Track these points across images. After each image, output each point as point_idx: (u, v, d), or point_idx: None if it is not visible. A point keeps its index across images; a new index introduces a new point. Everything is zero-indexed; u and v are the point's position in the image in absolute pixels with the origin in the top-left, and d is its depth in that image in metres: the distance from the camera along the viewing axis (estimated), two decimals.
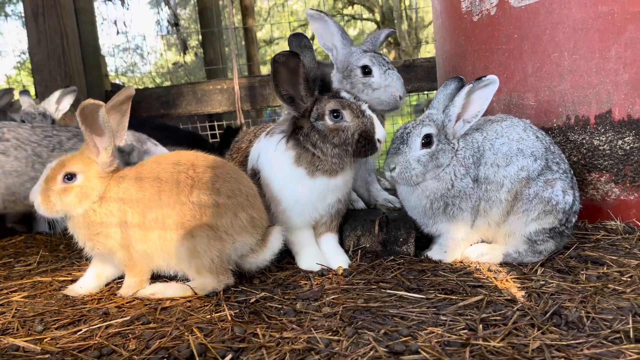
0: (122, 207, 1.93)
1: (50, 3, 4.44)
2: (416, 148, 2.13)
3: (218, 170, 2.05)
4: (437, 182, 2.16)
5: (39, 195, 1.92)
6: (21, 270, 2.44)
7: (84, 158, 1.97)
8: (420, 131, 2.13)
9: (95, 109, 1.86)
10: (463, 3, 3.04)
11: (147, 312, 1.81)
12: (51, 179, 1.93)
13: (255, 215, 2.06)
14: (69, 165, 1.94)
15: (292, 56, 2.02)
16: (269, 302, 1.87)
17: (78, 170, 1.94)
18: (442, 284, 1.97)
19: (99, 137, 1.95)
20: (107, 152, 1.97)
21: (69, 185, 1.93)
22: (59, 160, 1.96)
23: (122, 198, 1.93)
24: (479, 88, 2.14)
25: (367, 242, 2.35)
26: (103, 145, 1.96)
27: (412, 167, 2.12)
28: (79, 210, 1.93)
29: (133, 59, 15.60)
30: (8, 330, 1.72)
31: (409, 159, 2.12)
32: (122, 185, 1.96)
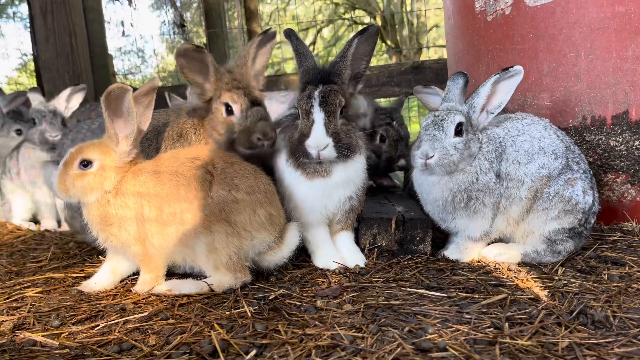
0: (139, 200, 1.90)
1: (59, 0, 4.43)
2: (451, 135, 2.10)
3: (237, 166, 2.03)
4: (463, 175, 2.13)
5: (57, 177, 1.93)
6: (33, 267, 2.41)
7: (103, 146, 1.95)
8: (453, 119, 2.10)
9: (122, 94, 1.85)
10: (477, 3, 3.03)
11: (165, 308, 1.78)
12: (69, 164, 1.93)
13: (273, 212, 2.03)
14: (86, 152, 1.93)
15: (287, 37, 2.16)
16: (287, 299, 1.84)
17: (94, 157, 1.93)
18: (462, 283, 1.94)
19: (120, 124, 1.94)
20: (127, 141, 1.95)
21: (83, 171, 1.92)
22: (79, 146, 1.95)
23: (140, 191, 1.90)
24: (505, 78, 2.13)
25: (384, 240, 2.33)
26: (124, 133, 1.94)
27: (450, 153, 2.07)
28: (90, 198, 1.93)
29: (135, 61, 15.56)
30: (24, 325, 1.69)
31: (446, 145, 2.08)
32: (139, 178, 1.93)
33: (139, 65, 15.24)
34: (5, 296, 1.97)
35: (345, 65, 2.16)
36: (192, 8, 14.29)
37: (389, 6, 20.19)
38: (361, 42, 2.15)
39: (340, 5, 21.56)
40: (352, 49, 2.15)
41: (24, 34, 23.46)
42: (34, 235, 3.16)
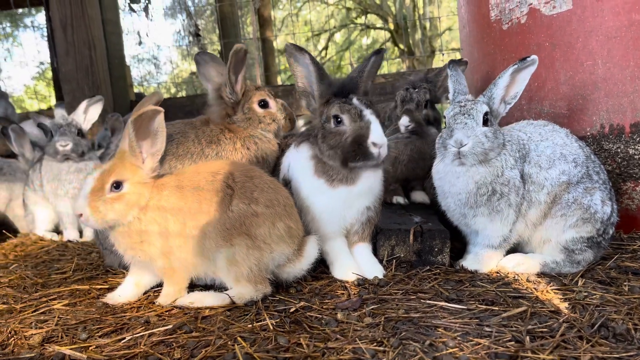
0: (164, 215, 1.94)
1: (78, 14, 4.52)
2: (480, 124, 2.11)
3: (256, 180, 2.06)
4: (488, 168, 2.13)
5: (87, 207, 1.90)
6: (57, 278, 2.46)
7: (128, 165, 1.97)
8: (481, 108, 2.12)
9: (154, 115, 1.90)
10: (492, 12, 3.04)
11: (188, 321, 1.81)
12: (99, 190, 1.91)
13: (292, 225, 2.06)
14: (115, 174, 1.94)
15: (300, 50, 2.12)
16: (308, 311, 1.87)
17: (125, 177, 1.95)
18: (481, 295, 1.95)
19: (148, 143, 1.97)
20: (154, 159, 1.99)
21: (118, 193, 1.92)
22: (103, 170, 1.95)
23: (164, 206, 1.94)
24: (524, 68, 2.16)
25: (402, 251, 2.34)
26: (151, 151, 1.98)
27: (482, 141, 2.08)
28: (129, 218, 1.94)
29: (149, 69, 15.74)
30: (52, 338, 1.74)
31: (478, 133, 2.09)
32: (163, 192, 1.97)
33: (153, 73, 15.42)
34: (33, 309, 2.02)
35: (362, 80, 2.20)
36: (206, 15, 14.45)
37: (401, 10, 20.19)
38: (376, 61, 2.20)
39: (352, 10, 21.62)
40: (369, 66, 2.21)
41: (41, 42, 23.76)
42: (57, 245, 3.23)
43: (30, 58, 23.06)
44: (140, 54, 14.74)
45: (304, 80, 2.21)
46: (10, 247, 3.32)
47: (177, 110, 5.27)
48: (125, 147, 1.99)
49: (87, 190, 1.91)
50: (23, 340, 1.71)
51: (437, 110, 3.18)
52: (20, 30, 22.27)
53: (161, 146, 1.99)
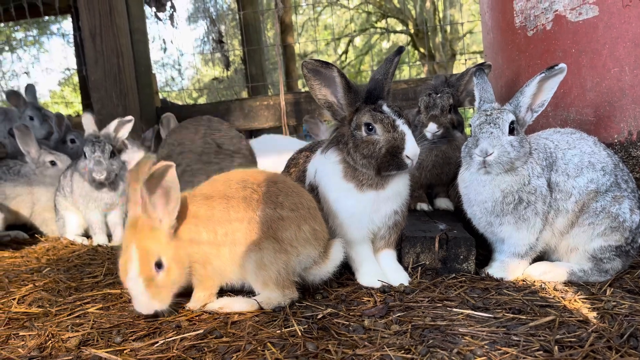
0: (198, 225, 1.99)
1: (107, 24, 4.64)
2: (506, 133, 2.11)
3: (280, 185, 2.10)
4: (515, 176, 2.13)
5: (151, 300, 1.88)
6: (90, 282, 2.53)
7: (151, 234, 1.90)
8: (507, 117, 2.12)
9: (165, 171, 1.86)
10: (517, 18, 3.03)
11: (218, 326, 1.85)
12: (151, 279, 1.87)
13: (317, 227, 2.10)
14: (151, 254, 1.88)
15: (326, 65, 2.12)
16: (335, 318, 1.89)
17: (160, 252, 1.91)
18: (508, 303, 1.95)
19: (162, 201, 1.92)
20: (172, 216, 1.94)
21: (165, 269, 1.91)
22: (134, 255, 1.87)
23: (199, 216, 2.00)
24: (552, 76, 2.15)
25: (427, 259, 2.35)
26: (167, 209, 1.92)
27: (508, 150, 2.08)
28: (185, 278, 1.97)
29: (172, 74, 15.96)
30: (89, 341, 1.80)
31: (504, 142, 2.09)
32: (193, 205, 2.02)
33: (176, 78, 15.63)
34: (68, 312, 2.09)
35: (387, 82, 2.23)
36: (227, 20, 14.62)
37: (421, 14, 20.12)
38: (398, 61, 2.23)
39: (373, 14, 21.62)
40: (393, 67, 2.24)
41: (67, 49, 24.30)
42: (88, 250, 3.31)
43: (56, 64, 23.58)
44: (162, 59, 14.97)
45: (327, 92, 2.22)
46: (42, 250, 3.42)
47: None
48: (136, 213, 1.93)
49: (140, 285, 1.87)
50: (60, 343, 1.77)
51: (460, 114, 3.18)
52: (47, 37, 22.75)
53: (176, 203, 1.93)
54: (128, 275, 1.88)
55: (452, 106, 2.99)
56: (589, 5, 2.67)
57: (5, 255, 3.34)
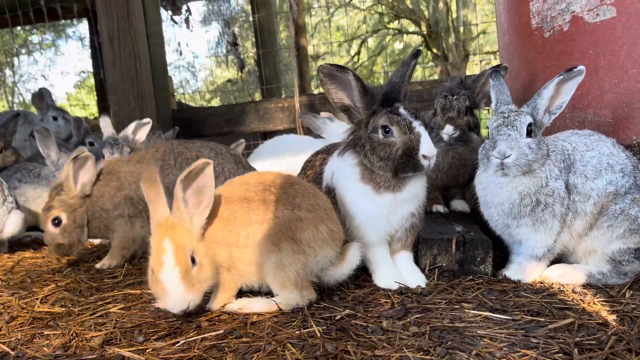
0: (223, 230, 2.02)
1: (125, 28, 4.71)
2: (524, 135, 2.12)
3: (296, 186, 2.13)
4: (532, 178, 2.13)
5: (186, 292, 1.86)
6: (110, 283, 2.58)
7: (184, 231, 1.91)
8: (524, 119, 2.12)
9: (204, 168, 1.92)
10: (533, 20, 3.02)
11: (238, 327, 1.88)
12: (186, 270, 1.86)
13: (334, 228, 2.11)
14: (186, 247, 1.88)
15: (342, 70, 2.14)
16: (353, 319, 1.91)
17: (192, 247, 1.92)
18: (526, 305, 1.95)
19: (195, 199, 1.95)
20: (203, 216, 1.96)
21: (197, 265, 1.92)
22: (168, 248, 1.86)
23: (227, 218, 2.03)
24: (570, 78, 2.15)
25: (444, 261, 2.36)
26: (203, 206, 1.95)
27: (525, 153, 2.09)
28: (215, 279, 1.98)
29: (185, 76, 16.09)
30: (112, 340, 1.83)
31: (522, 145, 2.10)
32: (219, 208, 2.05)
33: (189, 79, 15.76)
34: (90, 312, 2.13)
35: (404, 85, 2.24)
36: (240, 21, 14.71)
37: (434, 14, 20.05)
38: (415, 64, 2.24)
39: (385, 15, 21.58)
40: (410, 70, 2.25)
41: (82, 51, 24.60)
42: (106, 250, 3.36)
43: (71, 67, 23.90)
44: (176, 61, 15.09)
45: (343, 95, 2.24)
46: None
47: (218, 119, 5.43)
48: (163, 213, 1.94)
49: (175, 279, 1.85)
50: (84, 342, 1.81)
51: (476, 116, 3.18)
52: (63, 40, 23.04)
53: (209, 202, 1.96)
54: (163, 268, 1.85)
55: (468, 108, 2.99)
56: (606, 6, 2.66)
57: (26, 255, 3.41)
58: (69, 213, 2.90)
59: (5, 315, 2.14)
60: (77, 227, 2.93)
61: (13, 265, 3.13)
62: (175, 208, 1.93)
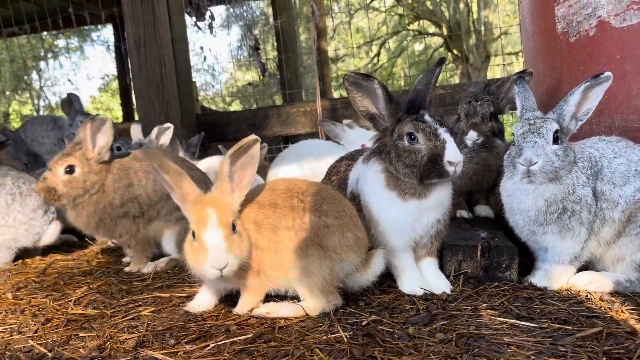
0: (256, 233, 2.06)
1: (151, 34, 4.81)
2: (550, 142, 2.11)
3: (323, 193, 2.16)
4: (559, 185, 2.13)
5: (226, 252, 1.90)
6: (139, 286, 2.64)
7: (224, 203, 1.98)
8: (551, 126, 2.12)
9: (253, 145, 1.99)
10: (558, 24, 3.01)
11: (266, 331, 1.91)
12: (228, 231, 1.93)
13: (359, 234, 2.14)
14: (228, 213, 1.96)
15: (367, 78, 2.18)
16: (379, 325, 1.93)
17: (234, 216, 2.00)
18: (553, 313, 1.95)
19: (239, 175, 2.03)
20: (244, 191, 2.04)
21: (237, 232, 1.98)
22: (211, 212, 1.93)
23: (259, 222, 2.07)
24: (597, 84, 2.14)
25: (469, 267, 2.37)
26: (244, 182, 2.03)
27: (552, 160, 2.08)
28: (250, 254, 2.01)
29: (206, 78, 16.22)
30: (144, 342, 1.88)
31: (548, 152, 2.09)
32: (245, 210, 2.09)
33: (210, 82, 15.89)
34: (122, 314, 2.19)
35: (429, 93, 2.26)
36: (260, 24, 14.81)
37: (455, 15, 19.91)
38: (439, 71, 2.26)
39: (405, 16, 21.50)
40: (434, 77, 2.27)
41: (105, 55, 24.96)
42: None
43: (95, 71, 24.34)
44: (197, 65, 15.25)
45: (368, 103, 2.27)
46: (92, 254, 3.57)
47: (241, 123, 5.50)
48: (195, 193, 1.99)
49: (220, 238, 1.90)
50: (118, 344, 1.87)
51: (500, 122, 3.17)
52: (87, 44, 23.42)
53: (251, 178, 2.03)
54: (207, 227, 1.90)
55: (492, 114, 2.99)
56: (633, 11, 2.63)
57: (58, 257, 3.51)
58: (83, 169, 2.86)
59: (41, 317, 2.21)
60: (81, 189, 2.86)
61: (45, 267, 3.23)
62: (220, 183, 2.00)
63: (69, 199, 2.87)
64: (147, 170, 2.97)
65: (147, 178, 2.98)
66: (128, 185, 2.95)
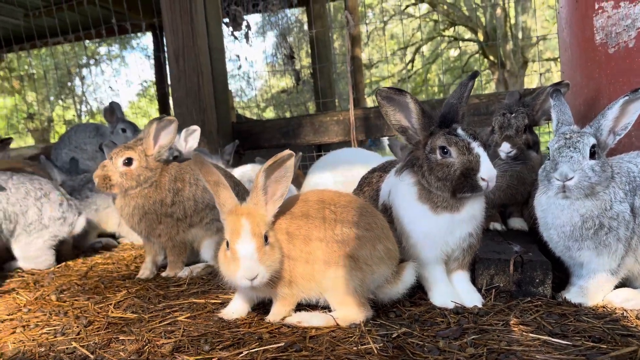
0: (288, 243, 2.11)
1: (189, 45, 4.96)
2: (587, 157, 2.09)
3: (354, 205, 2.19)
4: (596, 201, 2.10)
5: (258, 263, 1.95)
6: (175, 291, 2.73)
7: (258, 215, 2.03)
8: (587, 140, 2.10)
9: (288, 159, 2.04)
10: (597, 35, 2.96)
11: (298, 340, 1.95)
12: (261, 243, 1.98)
13: (390, 246, 2.17)
14: (261, 225, 2.00)
15: (400, 93, 2.20)
16: (409, 337, 1.94)
17: (267, 227, 2.04)
18: (587, 331, 1.92)
19: (272, 188, 2.08)
20: (277, 204, 2.09)
21: (270, 244, 2.02)
22: (245, 223, 1.98)
23: (291, 233, 2.12)
24: (636, 99, 2.11)
25: (501, 281, 2.35)
26: (278, 195, 2.08)
27: (588, 175, 2.06)
28: (280, 265, 2.04)
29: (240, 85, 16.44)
30: (180, 348, 1.95)
31: (585, 167, 2.07)
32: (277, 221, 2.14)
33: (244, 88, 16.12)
34: (159, 319, 2.27)
35: (462, 107, 2.27)
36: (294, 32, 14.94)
37: (491, 21, 19.63)
38: (472, 85, 2.26)
39: (440, 22, 21.33)
40: (467, 91, 2.27)
41: (145, 62, 25.56)
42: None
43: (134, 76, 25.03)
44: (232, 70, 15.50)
45: (400, 117, 2.29)
46: (130, 258, 3.69)
47: (275, 131, 5.59)
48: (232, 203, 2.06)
49: (252, 249, 1.96)
50: (156, 348, 1.94)
51: (535, 134, 3.14)
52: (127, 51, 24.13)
53: (285, 191, 2.08)
54: (240, 238, 1.95)
55: (527, 126, 2.96)
56: None
57: (98, 261, 3.65)
58: (140, 164, 2.99)
59: (83, 319, 2.31)
60: (134, 181, 2.98)
61: (87, 270, 3.37)
62: (254, 195, 2.06)
63: (122, 189, 3.00)
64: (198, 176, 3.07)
65: (198, 185, 3.10)
66: (181, 188, 3.08)
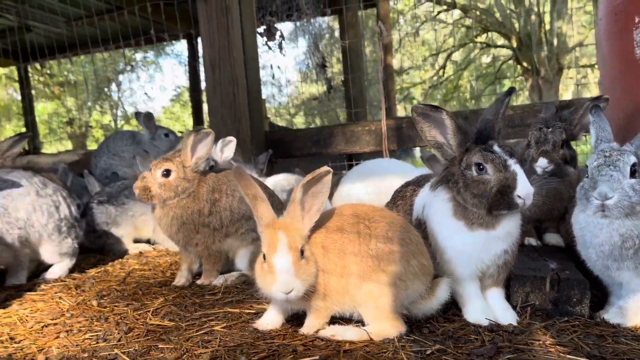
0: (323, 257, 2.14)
1: (225, 56, 5.07)
2: (627, 176, 2.06)
3: (389, 220, 2.21)
4: (636, 221, 2.06)
5: (294, 277, 1.98)
6: (211, 300, 2.79)
7: (294, 229, 2.06)
8: (628, 159, 2.07)
9: (325, 175, 2.08)
10: (637, 49, 2.91)
11: (332, 354, 1.98)
12: (297, 256, 2.01)
13: (424, 262, 2.17)
14: (297, 239, 2.04)
15: (436, 110, 2.21)
16: (443, 354, 1.94)
17: (303, 242, 2.08)
18: (626, 353, 1.89)
19: (308, 203, 2.11)
20: (314, 218, 2.12)
21: (305, 258, 2.05)
22: (282, 237, 2.01)
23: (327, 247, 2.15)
24: None
25: (537, 299, 2.33)
26: (314, 210, 2.12)
27: (629, 195, 2.03)
28: (316, 279, 2.07)
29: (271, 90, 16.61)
30: (217, 358, 2.00)
31: (625, 186, 2.04)
32: (314, 234, 2.18)
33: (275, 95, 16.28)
34: (196, 328, 2.33)
35: (498, 123, 2.26)
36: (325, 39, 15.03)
37: (525, 27, 19.31)
38: (509, 101, 2.25)
39: (472, 29, 21.10)
40: (503, 107, 2.27)
41: (178, 69, 26.11)
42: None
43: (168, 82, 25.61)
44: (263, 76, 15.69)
45: (436, 133, 2.29)
46: (166, 265, 3.79)
47: (306, 140, 5.65)
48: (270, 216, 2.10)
49: (289, 264, 1.99)
50: (194, 357, 1.99)
51: (573, 149, 3.09)
52: (162, 58, 24.66)
53: (321, 207, 2.11)
54: (277, 252, 1.99)
55: (564, 141, 2.92)
56: None
57: (136, 267, 3.75)
58: (178, 175, 3.06)
59: (123, 326, 2.39)
60: (172, 192, 3.05)
61: (125, 276, 3.47)
62: (292, 209, 2.09)
63: (160, 199, 3.09)
64: (236, 188, 3.14)
65: (234, 196, 3.17)
66: (218, 198, 3.15)
